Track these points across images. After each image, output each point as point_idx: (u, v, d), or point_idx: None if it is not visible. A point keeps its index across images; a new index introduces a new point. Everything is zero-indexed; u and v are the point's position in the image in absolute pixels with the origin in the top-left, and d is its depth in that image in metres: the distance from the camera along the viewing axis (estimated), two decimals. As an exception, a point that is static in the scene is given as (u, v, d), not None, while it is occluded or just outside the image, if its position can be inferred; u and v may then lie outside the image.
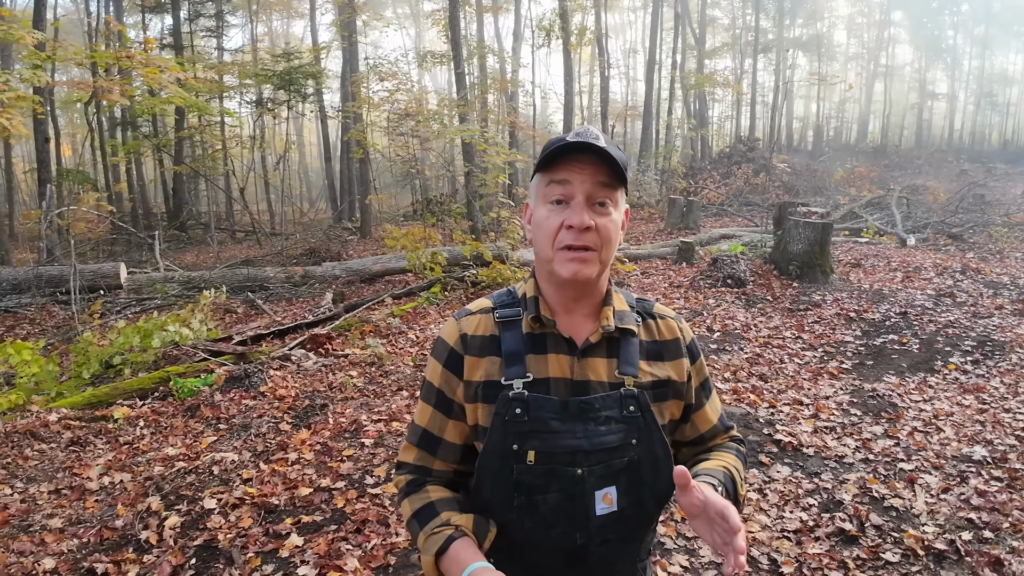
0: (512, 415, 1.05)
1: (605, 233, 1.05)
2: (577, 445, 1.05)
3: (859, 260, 9.38)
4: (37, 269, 9.14)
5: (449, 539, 1.02)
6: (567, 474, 1.05)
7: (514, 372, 1.07)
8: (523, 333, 1.11)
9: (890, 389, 4.55)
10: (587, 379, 1.08)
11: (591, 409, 1.06)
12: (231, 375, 5.19)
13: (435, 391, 1.15)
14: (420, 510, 1.11)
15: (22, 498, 3.65)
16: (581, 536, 1.07)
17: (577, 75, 24.17)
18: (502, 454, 1.06)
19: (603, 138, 1.05)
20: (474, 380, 1.10)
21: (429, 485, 1.15)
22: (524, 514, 1.07)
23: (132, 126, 18.55)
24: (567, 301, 1.12)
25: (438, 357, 1.15)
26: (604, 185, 1.05)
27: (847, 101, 38.90)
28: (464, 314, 1.17)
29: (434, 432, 1.15)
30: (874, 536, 2.82)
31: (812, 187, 20.50)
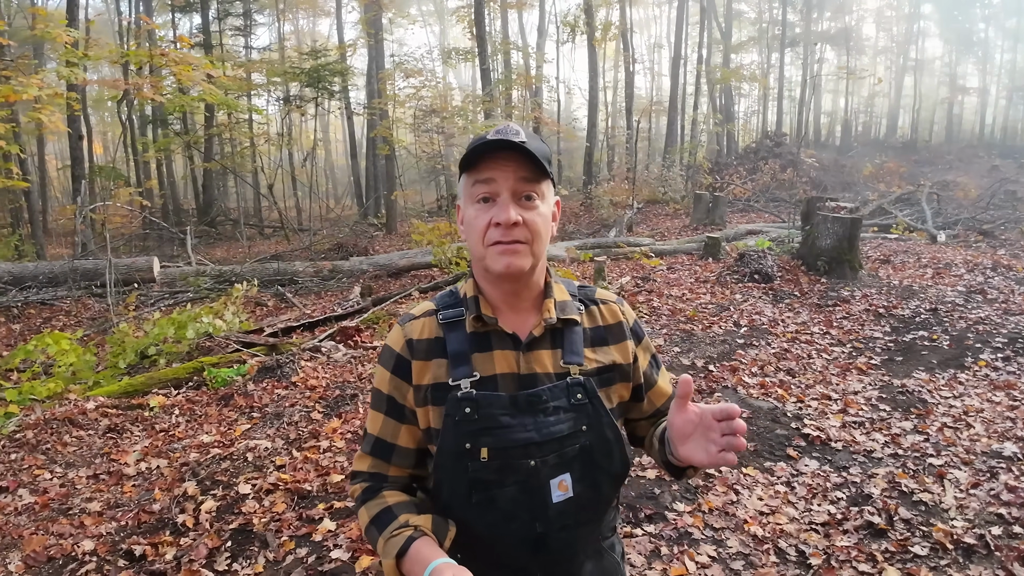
0: (462, 415, 1.07)
1: (533, 226, 1.06)
2: (528, 438, 1.07)
3: (888, 256, 9.25)
4: (73, 263, 9.39)
5: (409, 540, 1.02)
6: (521, 467, 1.07)
7: (461, 372, 1.09)
8: (467, 333, 1.11)
9: (920, 385, 4.50)
10: (534, 372, 1.10)
11: (539, 401, 1.08)
12: (263, 365, 5.31)
13: (385, 398, 1.15)
14: (377, 515, 1.11)
15: (61, 482, 3.77)
16: (540, 524, 1.09)
17: (602, 70, 24.08)
18: (456, 454, 1.07)
19: (523, 133, 1.06)
20: (423, 384, 1.11)
21: (385, 491, 1.15)
22: (483, 510, 1.09)
23: (163, 124, 18.91)
24: (506, 297, 1.13)
25: (385, 365, 1.15)
26: (527, 180, 1.06)
27: (876, 95, 38.16)
28: (408, 319, 1.17)
29: (387, 439, 1.16)
30: (903, 530, 2.82)
31: (840, 183, 20.21)
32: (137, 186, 17.16)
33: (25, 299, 8.75)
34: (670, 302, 7.12)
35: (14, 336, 7.52)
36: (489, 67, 14.08)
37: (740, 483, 3.28)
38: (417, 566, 0.98)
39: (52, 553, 3.04)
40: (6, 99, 5.07)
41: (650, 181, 20.86)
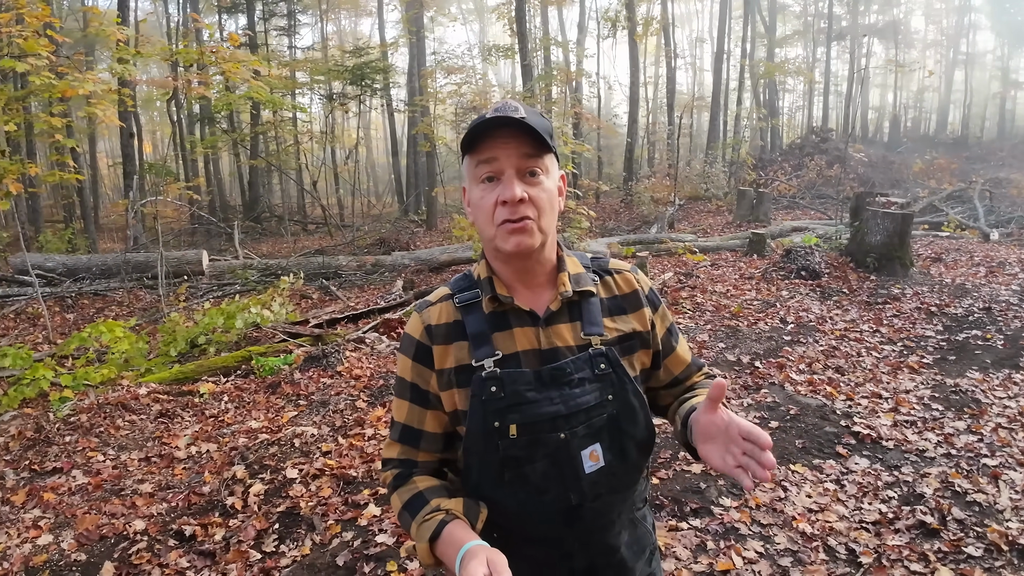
0: (488, 394, 1.07)
1: (539, 202, 1.07)
2: (556, 411, 1.08)
3: (940, 254, 8.95)
4: (125, 256, 9.72)
5: (441, 523, 1.03)
6: (551, 440, 1.08)
7: (483, 352, 1.09)
8: (485, 313, 1.12)
9: (973, 385, 4.35)
10: (555, 346, 1.10)
11: (563, 374, 1.09)
12: (309, 355, 5.41)
13: (408, 385, 1.16)
14: (410, 501, 1.11)
15: (114, 464, 3.90)
16: (575, 496, 1.10)
17: (642, 66, 23.84)
18: (485, 433, 1.08)
19: (523, 109, 1.06)
20: (445, 368, 1.12)
21: (416, 476, 1.16)
22: (516, 486, 1.09)
23: (210, 122, 19.40)
24: (520, 274, 1.13)
25: (406, 352, 1.16)
26: (530, 156, 1.06)
27: (926, 90, 36.92)
28: (425, 306, 1.17)
29: (414, 425, 1.17)
30: (956, 530, 2.73)
31: (889, 179, 19.61)
32: (186, 183, 17.66)
33: (79, 290, 9.09)
34: (714, 298, 7.02)
35: (68, 325, 7.82)
36: (530, 63, 14.08)
37: (788, 480, 3.22)
38: (451, 548, 0.99)
39: (104, 532, 3.14)
40: (62, 94, 5.28)
41: (692, 177, 20.57)
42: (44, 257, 9.79)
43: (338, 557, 2.78)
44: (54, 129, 5.60)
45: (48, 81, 4.87)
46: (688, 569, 2.56)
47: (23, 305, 8.29)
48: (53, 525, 3.24)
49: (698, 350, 5.21)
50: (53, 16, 5.49)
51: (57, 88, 4.98)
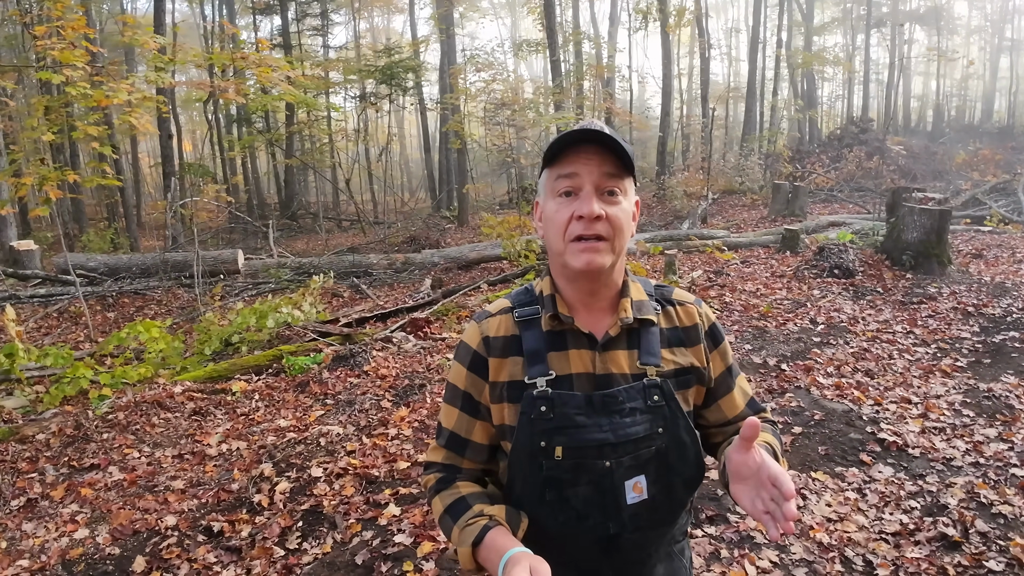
0: (538, 413, 1.07)
1: (616, 222, 1.05)
2: (604, 438, 1.06)
3: (980, 250, 8.68)
4: (163, 255, 10.01)
5: (484, 528, 1.03)
6: (596, 467, 1.07)
7: (537, 371, 1.08)
8: (543, 331, 1.11)
9: (1007, 390, 4.22)
10: (610, 372, 1.09)
11: (615, 402, 1.07)
12: (337, 354, 5.51)
13: (461, 394, 1.16)
14: (452, 505, 1.12)
15: (148, 461, 4.04)
16: (614, 525, 1.09)
17: (675, 57, 23.58)
18: (530, 451, 1.08)
19: (608, 130, 1.05)
20: (499, 381, 1.11)
21: (459, 481, 1.16)
22: (556, 508, 1.09)
23: (247, 122, 19.80)
24: (583, 295, 1.12)
25: (462, 361, 1.16)
26: (611, 175, 1.05)
27: (970, 78, 35.60)
28: (484, 316, 1.17)
29: (461, 434, 1.17)
30: (978, 543, 2.67)
31: (931, 171, 19.04)
32: (223, 182, 18.10)
33: (119, 289, 9.39)
34: (743, 297, 6.93)
35: (109, 324, 8.09)
36: (559, 58, 14.04)
37: (808, 488, 3.18)
38: (494, 554, 0.99)
39: (137, 527, 3.27)
40: (98, 103, 5.47)
41: (726, 171, 20.27)
42: (86, 257, 10.14)
43: (357, 556, 2.85)
44: (92, 138, 5.81)
45: (83, 91, 5.05)
46: (700, 577, 2.56)
47: (66, 304, 8.60)
48: (89, 520, 3.37)
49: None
50: (91, 25, 5.67)
51: (93, 98, 5.16)
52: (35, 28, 5.04)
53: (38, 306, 8.71)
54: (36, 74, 4.84)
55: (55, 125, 5.94)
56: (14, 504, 3.59)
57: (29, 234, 14.20)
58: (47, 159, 7.65)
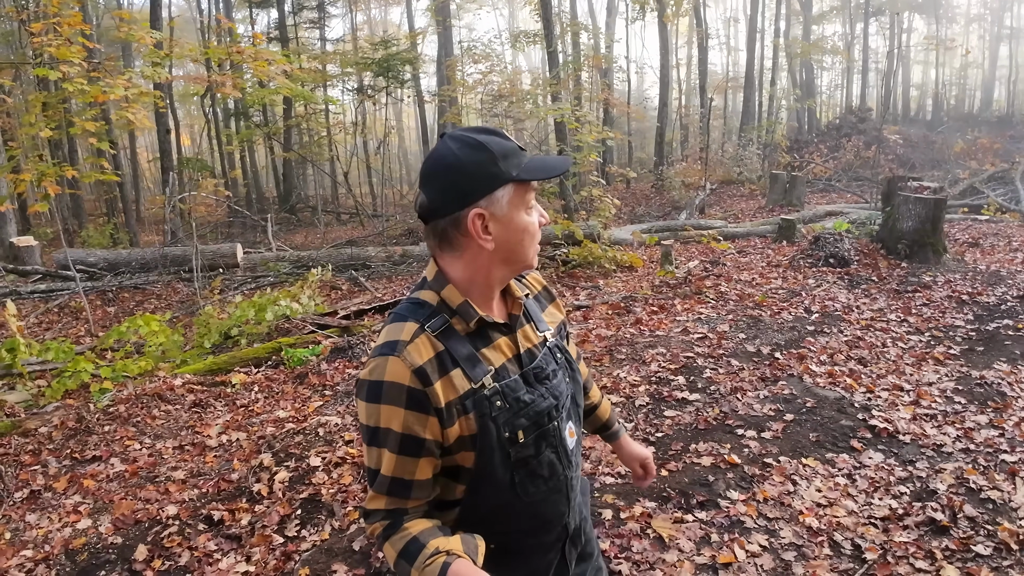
0: (495, 409, 1.12)
1: None
2: (548, 404, 1.19)
3: (977, 239, 8.71)
4: (163, 250, 10.04)
5: (444, 566, 1.02)
6: (549, 431, 1.19)
7: (479, 372, 1.12)
8: (463, 335, 1.13)
9: (1000, 377, 4.26)
10: (527, 348, 1.22)
11: (542, 371, 1.21)
12: (336, 346, 5.56)
13: (398, 437, 1.08)
14: (405, 548, 1.09)
15: (149, 452, 4.09)
16: (568, 472, 1.24)
17: (674, 47, 23.51)
18: (498, 446, 1.12)
19: None
20: (449, 401, 1.09)
21: (407, 522, 1.13)
22: (527, 484, 1.17)
23: (244, 116, 19.77)
24: (490, 292, 1.19)
25: (394, 402, 1.07)
26: None
27: (969, 67, 35.45)
28: (400, 348, 1.08)
29: (404, 477, 1.11)
30: (966, 528, 2.71)
31: (929, 160, 19.04)
32: (222, 176, 18.09)
33: (119, 284, 9.43)
34: (739, 287, 6.97)
35: (110, 318, 8.13)
36: (556, 49, 14.00)
37: (798, 474, 3.23)
38: None
39: (139, 516, 3.31)
40: (95, 99, 5.48)
41: (724, 161, 20.27)
42: (86, 252, 10.17)
43: (355, 542, 2.90)
44: (90, 133, 5.83)
45: (80, 87, 5.06)
46: (690, 561, 2.60)
47: (66, 299, 8.63)
48: (92, 510, 3.42)
49: (717, 340, 5.20)
50: (87, 20, 5.68)
51: (89, 93, 5.17)
52: (32, 25, 5.04)
53: (38, 301, 8.76)
54: (33, 71, 4.86)
55: (53, 121, 5.95)
56: (17, 496, 3.64)
57: (28, 230, 14.23)
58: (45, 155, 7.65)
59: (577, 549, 1.37)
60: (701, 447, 3.49)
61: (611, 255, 8.22)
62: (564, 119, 10.65)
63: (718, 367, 4.64)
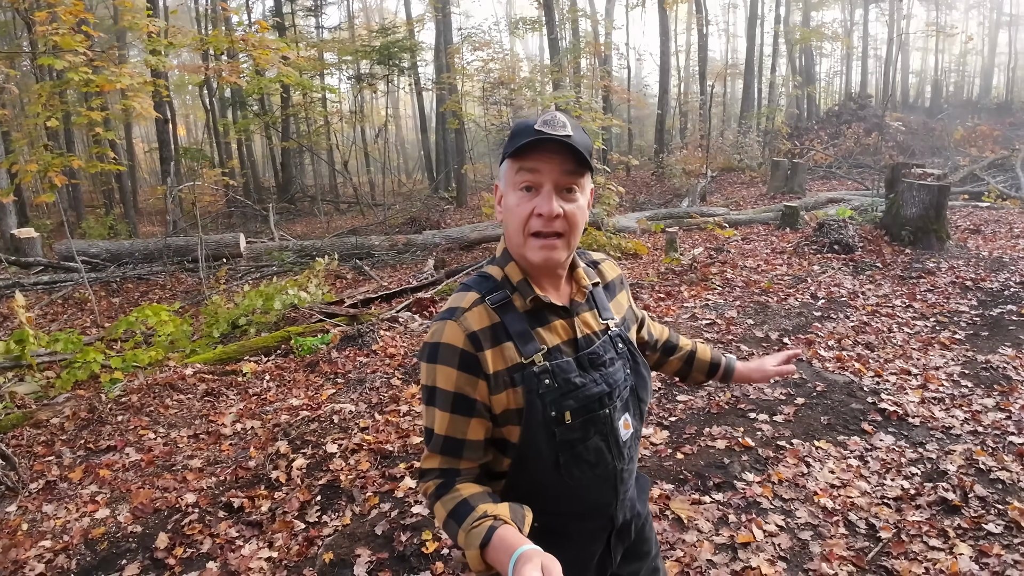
0: (543, 387, 1.14)
1: (573, 219, 1.12)
2: (600, 391, 1.19)
3: (978, 226, 8.74)
4: (166, 240, 10.04)
5: (490, 529, 1.03)
6: (599, 417, 1.19)
7: (531, 349, 1.15)
8: (520, 312, 1.17)
9: (1005, 361, 4.31)
10: (585, 333, 1.22)
11: (598, 357, 1.21)
12: (345, 335, 5.58)
13: (451, 396, 1.14)
14: (455, 509, 1.12)
15: (164, 442, 4.11)
16: (619, 463, 1.24)
17: (673, 34, 23.37)
18: (544, 424, 1.14)
19: (569, 125, 1.09)
20: (498, 371, 1.13)
21: (459, 484, 1.16)
22: (571, 467, 1.18)
23: (242, 106, 19.66)
24: (544, 277, 1.20)
25: (447, 363, 1.13)
26: (570, 173, 1.11)
27: (968, 53, 35.38)
28: (459, 313, 1.15)
29: (456, 436, 1.16)
30: (977, 507, 2.76)
31: (929, 147, 19.04)
32: (220, 166, 18.02)
33: (123, 275, 9.42)
34: (744, 273, 7.00)
35: (114, 309, 8.13)
36: (557, 36, 13.96)
37: (812, 456, 3.27)
38: (502, 554, 0.99)
39: (158, 505, 3.34)
40: (100, 88, 5.46)
41: (725, 148, 20.25)
42: (88, 243, 10.16)
43: (376, 527, 2.94)
44: (94, 123, 5.81)
45: (85, 76, 5.05)
46: (709, 541, 2.65)
47: (70, 291, 8.63)
48: (109, 500, 3.45)
49: (726, 326, 5.23)
50: (86, 10, 5.65)
51: (94, 83, 5.15)
52: (35, 14, 5.01)
53: (42, 293, 8.75)
54: (38, 60, 4.82)
55: (55, 112, 5.92)
56: (33, 487, 3.66)
57: (27, 222, 14.19)
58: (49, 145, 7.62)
59: (624, 544, 1.35)
60: (715, 431, 3.53)
61: (616, 243, 8.24)
62: (568, 107, 10.64)
63: (728, 352, 4.67)
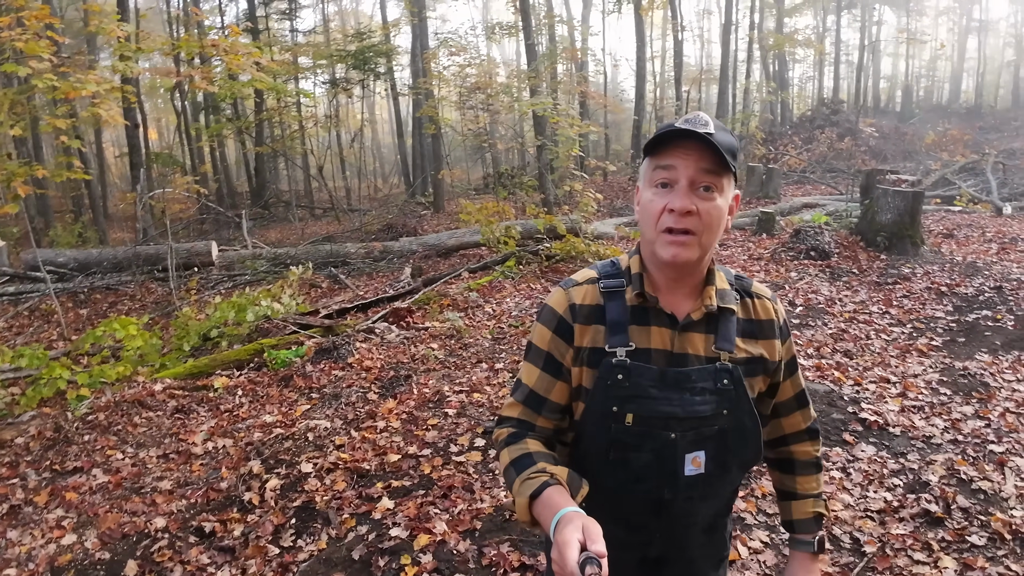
0: (614, 380, 1.13)
1: (707, 218, 1.08)
2: (672, 412, 1.13)
3: (951, 230, 8.88)
4: (135, 248, 9.79)
5: (544, 484, 1.06)
6: (661, 437, 1.14)
7: (617, 340, 1.15)
8: (627, 305, 1.17)
9: (982, 368, 4.35)
10: (685, 352, 1.15)
11: (687, 380, 1.14)
12: (320, 347, 5.47)
13: (544, 354, 1.21)
14: (518, 458, 1.16)
15: (133, 462, 3.97)
16: (668, 491, 1.17)
17: (649, 40, 23.54)
18: (602, 414, 1.15)
19: (713, 124, 1.07)
20: (583, 346, 1.17)
21: (528, 438, 1.20)
22: (616, 468, 1.17)
23: (215, 110, 19.35)
24: (669, 280, 1.16)
25: (547, 323, 1.21)
26: (708, 171, 1.08)
27: (938, 59, 36.23)
28: (571, 284, 1.22)
29: (540, 392, 1.22)
30: (960, 519, 2.76)
31: (901, 151, 19.38)
32: (193, 172, 17.70)
33: (91, 284, 9.17)
34: (721, 280, 7.01)
35: (82, 321, 7.90)
36: (534, 42, 13.95)
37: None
38: (548, 510, 1.02)
39: (126, 530, 3.21)
40: (66, 95, 5.30)
41: (700, 154, 20.36)
42: (55, 252, 9.88)
43: (353, 551, 2.85)
44: (60, 131, 5.64)
45: (51, 83, 4.89)
46: (695, 561, 2.60)
47: (36, 302, 8.38)
48: (76, 524, 3.32)
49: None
50: (54, 14, 5.48)
51: (60, 90, 5.00)
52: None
53: (7, 304, 8.49)
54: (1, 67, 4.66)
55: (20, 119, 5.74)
56: (-4, 511, 3.52)
57: (-9, 230, 13.79)
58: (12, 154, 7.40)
59: None
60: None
61: (594, 249, 8.22)
62: (546, 113, 10.61)
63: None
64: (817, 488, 1.35)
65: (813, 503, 1.34)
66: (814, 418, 1.35)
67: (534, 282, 7.70)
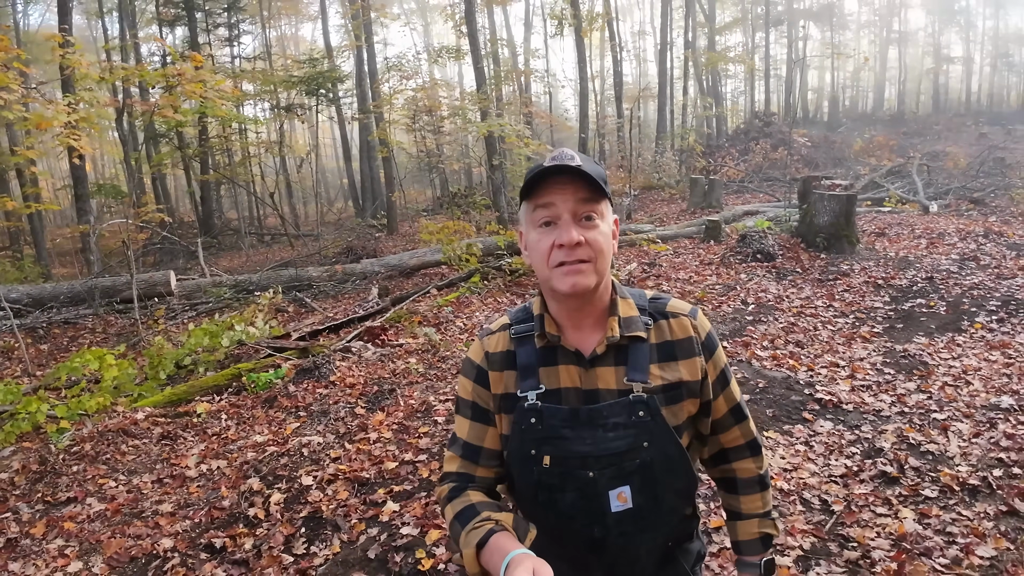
0: (527, 424, 1.16)
1: (596, 245, 1.10)
2: (587, 451, 1.13)
3: (883, 229, 9.56)
4: (92, 281, 9.62)
5: (489, 532, 1.07)
6: (580, 476, 1.14)
7: (528, 384, 1.17)
8: (536, 348, 1.18)
9: (920, 349, 4.81)
10: (596, 388, 1.15)
11: (599, 416, 1.13)
12: (300, 368, 5.58)
13: (470, 404, 1.25)
14: (461, 511, 1.17)
15: (127, 489, 4.00)
16: (599, 530, 1.16)
17: (589, 60, 24.28)
18: (523, 458, 1.17)
19: (579, 157, 1.10)
20: (498, 393, 1.21)
21: (470, 490, 1.22)
22: (547, 509, 1.18)
23: (155, 140, 19.04)
24: (571, 314, 1.17)
25: (467, 375, 1.26)
26: (586, 200, 1.10)
27: (862, 69, 38.44)
28: (486, 334, 1.27)
29: (474, 442, 1.25)
30: (913, 476, 3.12)
31: (832, 159, 20.54)
32: (136, 203, 17.36)
33: (49, 319, 8.98)
34: (678, 285, 7.42)
35: (44, 356, 7.75)
36: (483, 65, 14.32)
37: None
38: (496, 555, 1.02)
39: (133, 553, 3.26)
40: (37, 126, 5.31)
41: (644, 168, 21.12)
42: (7, 288, 9.61)
43: (369, 551, 3.01)
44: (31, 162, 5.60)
45: (20, 115, 4.91)
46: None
47: (-5, 339, 8.17)
48: (79, 552, 3.35)
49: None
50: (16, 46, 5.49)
51: (30, 121, 5.01)
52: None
53: (-41, 344, 8.24)
54: (-27, 101, 4.67)
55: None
56: (-8, 546, 3.52)
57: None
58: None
59: None
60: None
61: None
62: (504, 134, 10.93)
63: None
64: (763, 507, 1.30)
65: (759, 523, 1.30)
66: (755, 433, 1.31)
67: (500, 296, 7.96)
